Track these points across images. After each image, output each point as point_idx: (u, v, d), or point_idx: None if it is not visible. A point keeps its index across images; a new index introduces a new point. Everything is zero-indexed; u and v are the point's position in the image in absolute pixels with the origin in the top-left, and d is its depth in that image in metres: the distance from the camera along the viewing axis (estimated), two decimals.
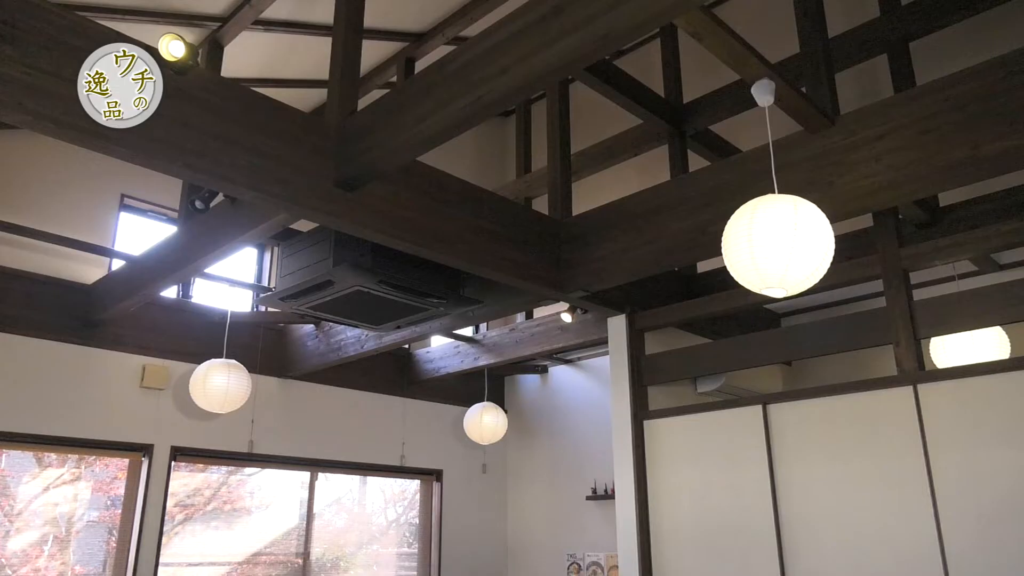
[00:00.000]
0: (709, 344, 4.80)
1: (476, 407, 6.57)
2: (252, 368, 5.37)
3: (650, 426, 4.50)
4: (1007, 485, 3.20)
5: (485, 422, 6.46)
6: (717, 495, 4.11)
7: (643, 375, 4.65)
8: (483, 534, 7.59)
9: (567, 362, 7.58)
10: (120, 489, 5.64)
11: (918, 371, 3.57)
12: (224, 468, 6.21)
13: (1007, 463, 3.22)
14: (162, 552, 5.57)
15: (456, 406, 7.45)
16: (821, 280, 2.57)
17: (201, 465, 6.06)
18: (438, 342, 7.13)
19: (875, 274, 3.83)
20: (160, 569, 5.53)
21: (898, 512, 3.46)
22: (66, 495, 5.43)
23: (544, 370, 7.81)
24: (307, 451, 6.52)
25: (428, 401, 7.45)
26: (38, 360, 5.25)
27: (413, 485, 7.45)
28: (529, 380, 7.96)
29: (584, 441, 7.22)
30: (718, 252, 2.64)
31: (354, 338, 5.90)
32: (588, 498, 6.97)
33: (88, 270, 5.50)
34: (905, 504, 3.45)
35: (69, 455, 5.45)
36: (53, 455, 5.41)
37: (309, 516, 6.57)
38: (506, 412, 7.02)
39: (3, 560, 5.09)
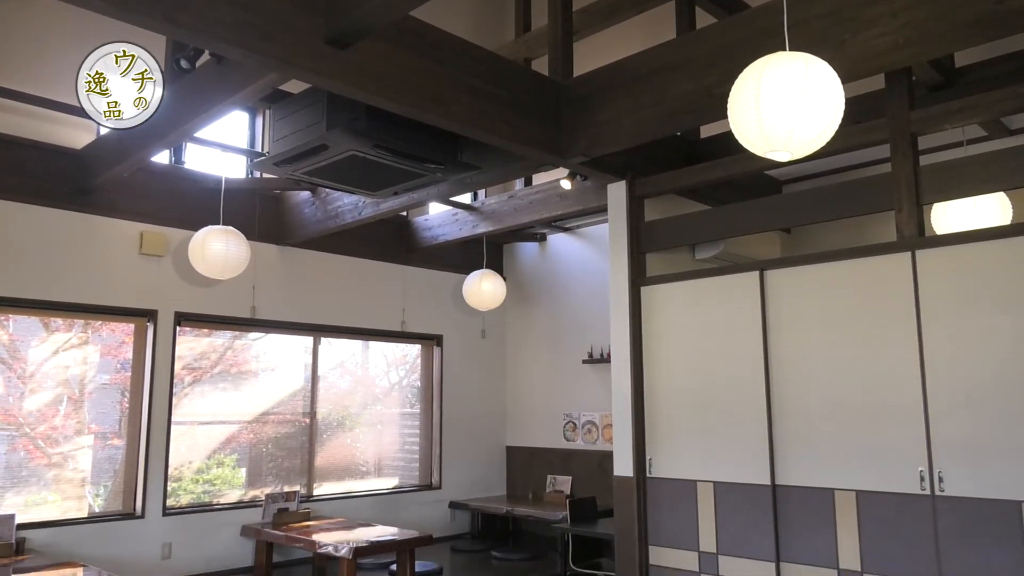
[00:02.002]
0: (708, 211, 4.77)
1: (475, 274, 6.62)
2: (250, 235, 5.35)
3: (647, 292, 4.54)
4: (997, 352, 3.27)
5: (484, 289, 6.53)
6: (710, 359, 4.21)
7: (642, 242, 4.65)
8: (482, 396, 7.86)
9: (566, 230, 7.57)
10: (128, 353, 5.78)
11: (918, 237, 3.56)
12: (228, 333, 6.34)
13: (999, 330, 3.27)
14: (173, 412, 5.78)
15: (455, 273, 7.51)
16: (827, 144, 2.50)
17: (206, 330, 6.18)
18: (436, 209, 7.09)
19: (883, 138, 3.74)
20: (172, 427, 5.76)
21: (886, 378, 3.56)
22: (75, 358, 5.57)
23: (543, 238, 7.82)
24: (309, 317, 6.63)
25: (427, 268, 7.50)
26: (35, 227, 5.23)
27: (414, 350, 7.64)
28: (528, 248, 7.98)
29: (581, 307, 7.34)
30: (724, 115, 2.55)
31: (351, 205, 5.85)
32: (584, 362, 7.16)
33: (76, 135, 5.37)
34: (894, 371, 3.53)
35: (75, 320, 5.54)
36: (59, 320, 5.50)
37: (314, 379, 6.77)
38: (505, 279, 7.08)
39: (21, 419, 5.29)
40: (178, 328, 5.87)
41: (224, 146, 6.16)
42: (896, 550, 3.42)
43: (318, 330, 6.76)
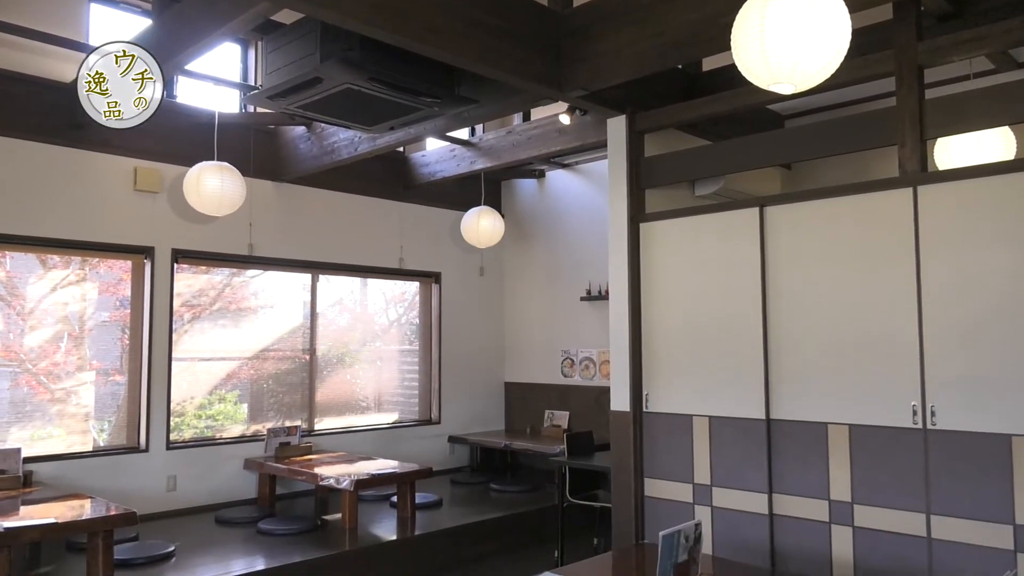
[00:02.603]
0: (709, 146, 4.70)
1: (473, 211, 6.58)
2: (245, 171, 5.29)
3: (646, 229, 4.52)
4: (995, 287, 3.27)
5: (482, 226, 6.51)
6: (708, 295, 4.22)
7: (641, 178, 4.60)
8: (481, 333, 7.91)
9: (564, 166, 7.49)
10: (127, 290, 5.78)
11: (920, 173, 3.53)
12: (226, 270, 6.33)
13: (998, 266, 3.26)
14: (174, 348, 5.83)
15: (453, 210, 7.47)
16: (831, 77, 2.45)
17: (203, 268, 6.18)
18: (433, 145, 7.00)
19: (888, 71, 3.66)
20: (173, 364, 5.81)
21: (883, 314, 3.57)
22: (74, 295, 5.57)
23: (541, 174, 7.75)
24: (307, 254, 6.62)
25: (425, 205, 7.45)
26: (29, 163, 5.17)
27: (412, 287, 7.65)
28: (526, 184, 7.92)
29: (580, 244, 7.32)
30: (728, 46, 2.49)
31: (347, 140, 5.77)
32: (583, 299, 7.19)
33: (64, 67, 5.25)
34: (891, 306, 3.54)
35: (72, 257, 5.53)
36: (56, 257, 5.48)
37: (313, 315, 6.80)
38: (503, 216, 7.04)
39: (22, 355, 5.33)
40: (175, 265, 5.87)
41: (217, 79, 6.04)
42: (886, 482, 3.49)
43: (316, 267, 6.75)
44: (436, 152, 6.90)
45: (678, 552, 2.82)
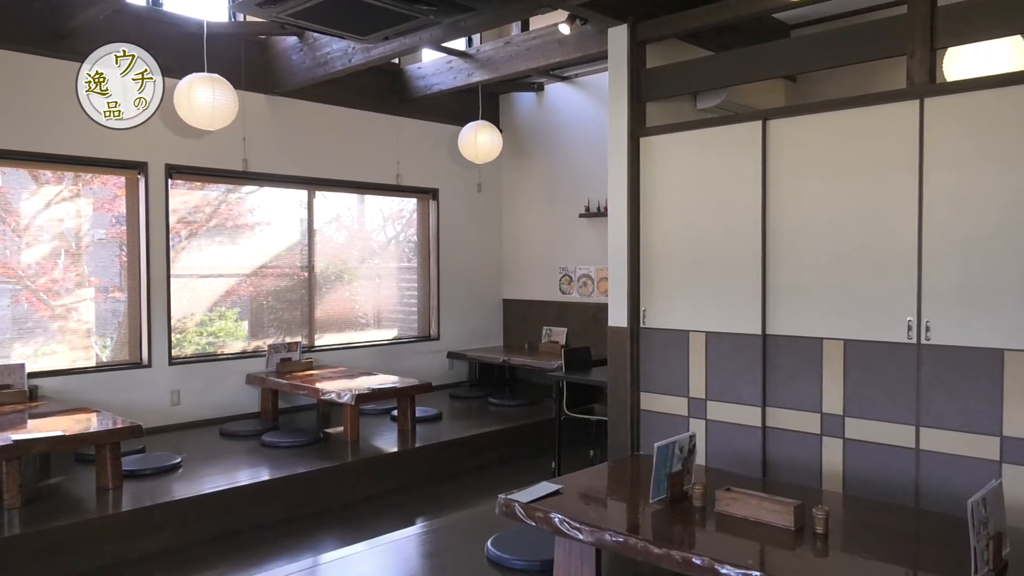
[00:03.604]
0: (712, 56, 4.57)
1: (470, 126, 6.45)
2: (237, 84, 5.15)
3: (646, 143, 4.44)
4: (996, 202, 3.23)
5: (480, 141, 6.40)
6: (708, 211, 4.18)
7: (642, 90, 4.49)
8: (479, 250, 7.90)
9: (564, 79, 7.31)
10: (122, 207, 5.73)
11: (928, 84, 3.44)
12: (222, 186, 6.26)
13: (1002, 180, 3.22)
14: (172, 265, 5.82)
15: (450, 125, 7.33)
16: None
17: (198, 183, 6.11)
18: (430, 57, 6.81)
19: None
20: (172, 280, 5.82)
21: (883, 229, 3.54)
22: (69, 211, 5.53)
23: (540, 87, 7.57)
24: (303, 170, 6.54)
25: (422, 120, 7.31)
26: (12, 75, 5.04)
27: (410, 204, 7.59)
28: (524, 98, 7.75)
29: (579, 160, 7.22)
30: None
31: (341, 51, 5.60)
32: (581, 216, 7.14)
33: None
34: (891, 221, 3.51)
35: (64, 173, 5.45)
36: (49, 173, 5.41)
37: (310, 232, 6.77)
38: (501, 131, 6.91)
39: (20, 272, 5.33)
40: (170, 181, 5.80)
41: None
42: (878, 396, 3.55)
43: (312, 183, 6.68)
44: (432, 64, 6.72)
45: (672, 462, 2.89)
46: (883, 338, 3.53)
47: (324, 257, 6.93)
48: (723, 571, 2.30)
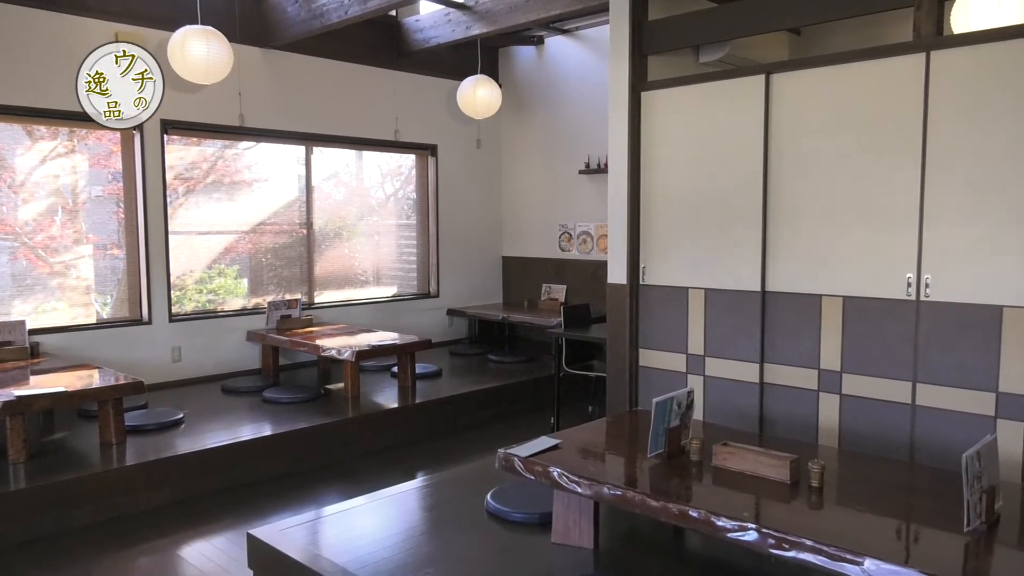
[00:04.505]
0: (716, 8, 4.48)
1: (469, 80, 6.36)
2: (231, 37, 5.06)
3: (648, 98, 4.38)
4: (1000, 157, 3.20)
5: (479, 96, 6.31)
6: (709, 167, 4.14)
7: (644, 43, 4.41)
8: (478, 207, 7.86)
9: (564, 32, 7.19)
10: (118, 163, 5.68)
11: (935, 37, 3.37)
12: (218, 142, 6.20)
13: (1007, 135, 3.18)
14: (170, 222, 5.79)
15: (449, 80, 7.23)
16: None
17: (194, 139, 6.04)
18: (427, 9, 6.68)
19: None
20: (170, 237, 5.80)
21: (885, 185, 3.51)
22: (64, 167, 5.48)
23: (540, 41, 7.44)
24: (300, 125, 6.46)
25: (420, 74, 7.21)
26: (2, 28, 4.94)
27: (408, 160, 7.52)
28: (524, 52, 7.63)
29: (579, 116, 7.14)
30: None
31: (336, 2, 5.50)
32: (581, 172, 7.09)
33: None
34: (894, 177, 3.48)
35: (59, 128, 5.39)
36: (43, 128, 5.34)
37: (308, 189, 6.72)
38: (500, 86, 6.82)
39: (18, 228, 5.30)
40: (165, 137, 5.74)
41: None
42: (876, 352, 3.56)
43: (309, 139, 6.61)
44: (430, 16, 6.60)
45: (670, 418, 2.91)
46: (882, 295, 3.53)
47: (323, 214, 6.89)
48: (719, 523, 2.33)
